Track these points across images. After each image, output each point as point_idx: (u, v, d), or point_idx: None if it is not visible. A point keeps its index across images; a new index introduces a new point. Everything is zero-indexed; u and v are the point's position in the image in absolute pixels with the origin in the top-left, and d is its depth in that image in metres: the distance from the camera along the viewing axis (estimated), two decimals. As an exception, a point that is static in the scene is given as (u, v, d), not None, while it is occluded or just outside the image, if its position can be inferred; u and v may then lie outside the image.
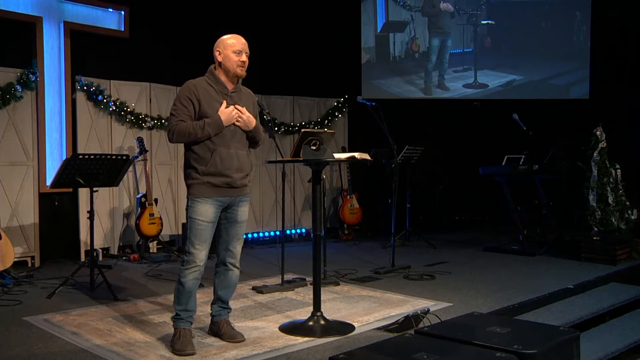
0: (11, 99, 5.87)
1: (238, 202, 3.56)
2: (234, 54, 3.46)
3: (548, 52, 8.83)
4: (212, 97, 3.45)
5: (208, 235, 3.46)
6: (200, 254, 3.44)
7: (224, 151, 3.44)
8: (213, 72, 3.52)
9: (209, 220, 3.45)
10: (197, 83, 3.47)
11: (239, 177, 3.50)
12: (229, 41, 3.49)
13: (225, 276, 3.62)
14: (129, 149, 6.61)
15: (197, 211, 3.42)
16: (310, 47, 8.19)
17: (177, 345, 3.41)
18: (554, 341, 3.07)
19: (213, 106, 3.43)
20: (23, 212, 6.00)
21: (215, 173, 3.42)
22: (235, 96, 3.54)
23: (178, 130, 3.38)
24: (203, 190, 3.42)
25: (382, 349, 3.00)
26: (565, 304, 4.79)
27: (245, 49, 3.50)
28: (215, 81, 3.49)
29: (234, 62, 3.46)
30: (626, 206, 6.44)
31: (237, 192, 3.52)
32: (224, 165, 3.43)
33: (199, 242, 3.43)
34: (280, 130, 7.79)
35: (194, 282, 3.46)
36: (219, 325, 3.65)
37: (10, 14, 5.92)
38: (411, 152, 7.05)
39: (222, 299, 3.66)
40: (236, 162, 3.48)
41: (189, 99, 3.41)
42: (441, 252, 6.85)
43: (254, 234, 7.64)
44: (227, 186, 3.46)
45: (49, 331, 3.80)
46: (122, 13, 6.71)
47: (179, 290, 3.46)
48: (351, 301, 4.59)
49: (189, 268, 3.43)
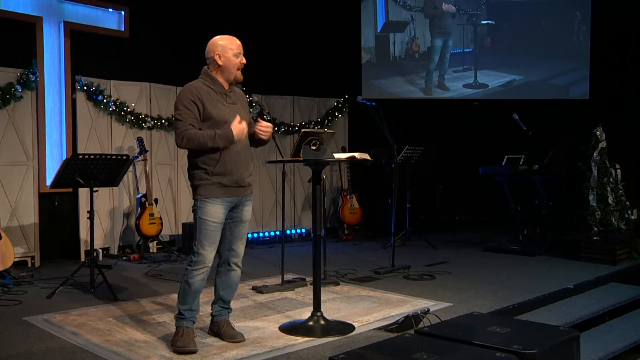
0: (11, 99, 5.87)
1: (244, 202, 3.57)
2: (235, 56, 3.47)
3: (548, 52, 8.83)
4: (213, 99, 3.44)
5: (217, 235, 3.47)
6: (210, 255, 3.45)
7: (232, 150, 3.44)
8: (209, 73, 3.49)
9: (218, 220, 3.45)
10: (197, 85, 3.45)
11: (246, 176, 3.53)
12: (227, 44, 3.47)
13: (227, 276, 3.62)
14: (129, 149, 6.61)
15: (206, 212, 3.41)
16: (310, 47, 8.19)
17: (179, 343, 3.42)
18: (554, 341, 3.07)
19: (216, 107, 3.42)
20: (23, 212, 6.00)
21: (225, 173, 3.42)
22: (232, 95, 3.54)
23: (188, 136, 3.35)
24: (212, 190, 3.42)
25: (382, 349, 2.99)
26: (565, 304, 4.79)
27: (242, 51, 3.50)
28: (213, 82, 3.48)
29: (236, 64, 3.47)
30: (626, 206, 6.43)
31: (244, 192, 3.54)
32: (232, 164, 3.44)
33: (208, 243, 3.43)
34: (280, 130, 7.79)
35: (201, 283, 3.47)
36: (219, 325, 3.65)
37: (10, 14, 5.92)
38: (411, 152, 7.05)
39: (224, 299, 3.66)
40: (243, 160, 3.50)
41: (193, 102, 3.38)
42: (441, 252, 6.85)
43: (254, 234, 7.64)
44: (236, 185, 3.47)
45: (49, 331, 3.80)
46: (122, 13, 6.71)
47: (185, 290, 3.46)
48: (351, 301, 4.59)
49: (197, 269, 3.43)
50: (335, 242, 7.65)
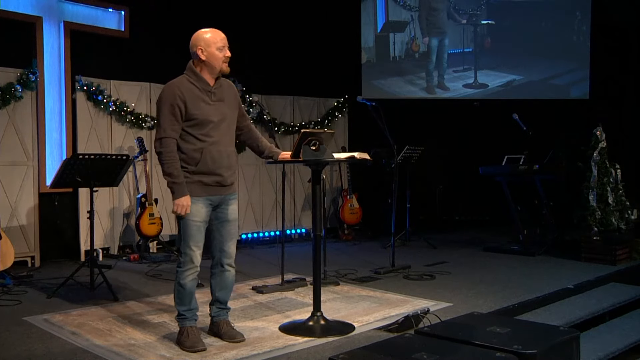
0: (11, 99, 5.87)
1: (227, 201, 3.54)
2: (218, 50, 3.40)
3: (548, 52, 8.82)
4: (197, 97, 3.38)
5: (201, 234, 3.45)
6: (196, 254, 3.43)
7: (214, 149, 3.41)
8: (194, 70, 3.44)
9: (201, 219, 3.43)
10: (180, 84, 3.39)
11: (229, 175, 3.49)
12: (209, 38, 3.41)
13: (222, 278, 3.60)
14: (129, 149, 6.61)
15: (190, 211, 3.39)
16: (311, 47, 8.18)
17: (187, 343, 3.42)
18: (554, 341, 3.07)
19: (199, 107, 3.37)
20: (23, 212, 6.00)
21: (207, 172, 3.39)
22: (218, 92, 3.48)
23: (168, 151, 3.32)
24: (194, 189, 3.38)
25: (382, 349, 3.00)
26: (565, 304, 4.79)
27: (227, 43, 3.44)
28: (198, 79, 3.42)
29: (220, 59, 3.40)
30: (626, 206, 6.43)
31: (226, 191, 3.51)
32: (215, 164, 3.41)
33: (193, 242, 3.42)
34: (280, 130, 7.79)
35: (193, 282, 3.47)
36: (218, 325, 3.65)
37: (10, 14, 5.92)
38: (411, 152, 7.05)
39: (220, 300, 3.64)
40: (226, 160, 3.47)
41: (177, 105, 3.32)
42: (441, 252, 6.85)
43: (254, 234, 7.64)
44: (218, 185, 3.45)
45: (49, 331, 3.80)
46: (122, 13, 6.70)
47: (179, 292, 3.46)
48: (351, 301, 4.59)
49: (187, 269, 3.42)
50: (335, 242, 7.65)
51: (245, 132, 3.76)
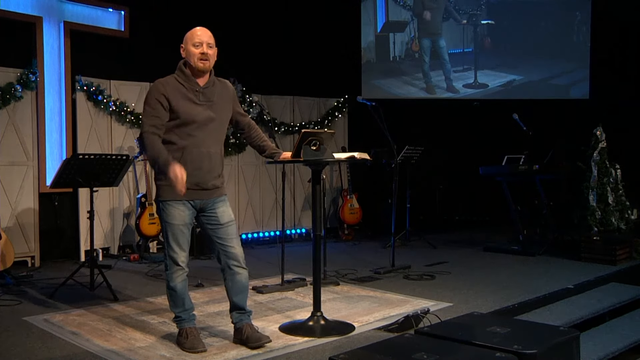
0: (11, 99, 5.87)
1: (213, 205, 3.44)
2: (194, 47, 3.35)
3: (548, 52, 8.82)
4: (182, 95, 3.34)
5: (184, 237, 3.39)
6: (182, 257, 3.39)
7: (195, 151, 3.34)
8: (182, 69, 3.41)
9: (183, 222, 3.37)
10: (166, 82, 3.38)
11: (209, 179, 3.40)
12: (188, 35, 3.39)
13: (233, 280, 3.49)
14: (129, 149, 6.61)
15: (170, 214, 3.35)
16: (311, 47, 8.18)
17: (187, 344, 3.40)
18: (554, 341, 3.07)
19: (184, 105, 3.33)
20: (23, 212, 6.00)
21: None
22: (208, 92, 3.42)
23: (148, 142, 3.29)
24: (171, 191, 3.28)
25: (382, 349, 2.99)
26: (565, 304, 4.79)
27: (206, 40, 3.36)
28: (185, 78, 3.38)
29: (194, 55, 3.35)
30: (626, 206, 6.43)
31: (208, 195, 3.41)
32: (193, 165, 3.32)
33: (177, 245, 3.37)
34: (280, 130, 7.79)
35: (183, 284, 3.43)
36: (241, 331, 3.52)
37: (10, 14, 5.92)
38: (411, 152, 7.05)
39: (238, 306, 3.53)
40: (207, 162, 3.38)
41: (158, 101, 3.30)
42: (441, 252, 6.84)
43: (254, 234, 7.64)
44: (197, 188, 3.36)
45: (49, 331, 3.80)
46: (122, 13, 6.70)
47: (171, 295, 3.43)
48: (351, 301, 4.59)
49: (175, 272, 3.39)
50: (335, 242, 7.65)
51: (247, 131, 3.74)
